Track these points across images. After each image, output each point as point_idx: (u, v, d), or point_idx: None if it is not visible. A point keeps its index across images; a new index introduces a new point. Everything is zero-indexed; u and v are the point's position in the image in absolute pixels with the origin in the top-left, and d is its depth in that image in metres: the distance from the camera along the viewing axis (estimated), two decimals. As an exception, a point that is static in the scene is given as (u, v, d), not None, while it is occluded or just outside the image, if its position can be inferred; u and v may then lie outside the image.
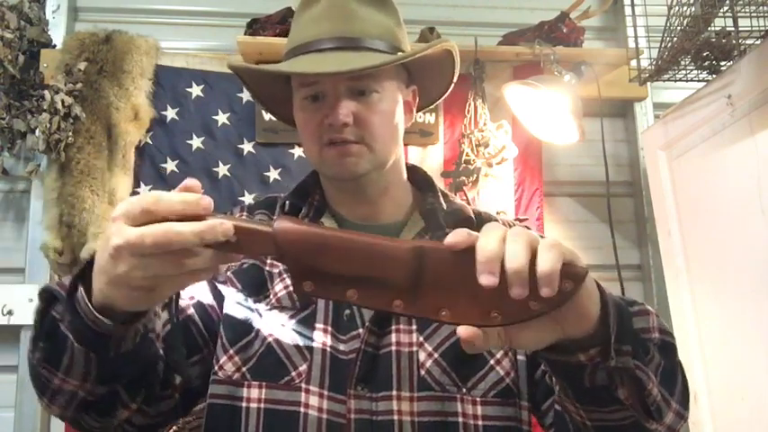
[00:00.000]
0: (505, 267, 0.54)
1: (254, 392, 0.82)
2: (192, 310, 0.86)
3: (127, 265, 0.57)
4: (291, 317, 0.85)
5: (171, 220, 0.56)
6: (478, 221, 0.92)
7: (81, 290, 0.64)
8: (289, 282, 0.86)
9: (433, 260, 0.58)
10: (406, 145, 1.84)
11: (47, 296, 0.72)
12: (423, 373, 0.81)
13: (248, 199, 1.80)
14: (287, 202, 0.94)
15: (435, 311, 0.58)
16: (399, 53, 0.90)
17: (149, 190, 1.78)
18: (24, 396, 1.69)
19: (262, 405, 0.81)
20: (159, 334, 0.77)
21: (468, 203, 1.23)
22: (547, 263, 0.53)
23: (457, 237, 0.56)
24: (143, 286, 0.59)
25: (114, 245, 0.57)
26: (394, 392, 0.80)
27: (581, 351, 0.62)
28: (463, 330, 0.56)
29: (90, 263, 0.65)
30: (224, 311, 0.87)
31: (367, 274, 0.59)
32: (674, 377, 0.73)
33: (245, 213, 0.95)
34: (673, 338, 0.77)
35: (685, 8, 1.53)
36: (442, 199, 0.94)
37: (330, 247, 0.59)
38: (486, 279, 0.54)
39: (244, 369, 0.83)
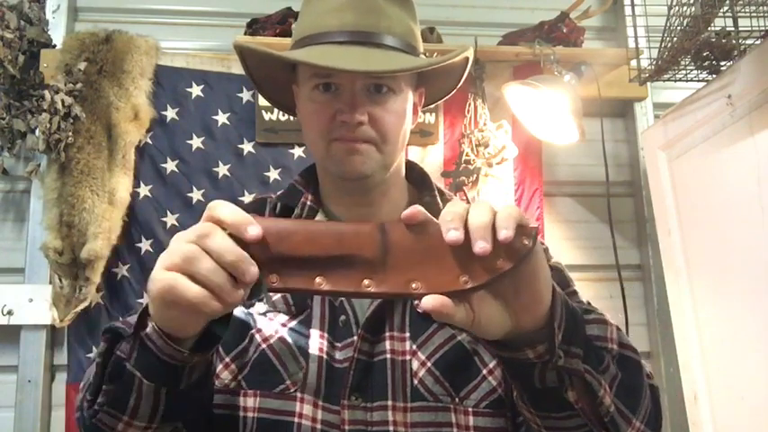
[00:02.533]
0: (469, 226, 0.57)
1: (250, 401, 0.80)
2: None
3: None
4: (286, 322, 0.83)
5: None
6: None
7: (152, 324, 0.63)
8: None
9: (396, 235, 0.60)
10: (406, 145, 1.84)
11: (110, 336, 0.70)
12: (416, 382, 0.79)
13: (248, 199, 1.80)
14: (278, 203, 0.92)
15: (406, 285, 0.59)
16: (422, 56, 0.88)
17: (149, 190, 1.78)
18: (24, 396, 1.69)
19: (256, 414, 0.79)
20: (216, 367, 0.78)
21: (469, 203, 1.22)
22: (503, 213, 0.58)
23: (412, 210, 0.60)
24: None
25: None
26: (389, 402, 0.78)
27: (529, 347, 0.63)
28: (429, 300, 0.57)
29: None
30: None
31: (334, 253, 0.59)
32: (635, 394, 0.72)
33: None
34: (637, 355, 0.75)
35: (685, 8, 1.53)
36: (438, 197, 0.92)
37: (295, 232, 0.59)
38: (452, 235, 0.57)
39: (240, 377, 0.81)
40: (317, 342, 0.81)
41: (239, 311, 0.84)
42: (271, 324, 0.83)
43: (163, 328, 0.62)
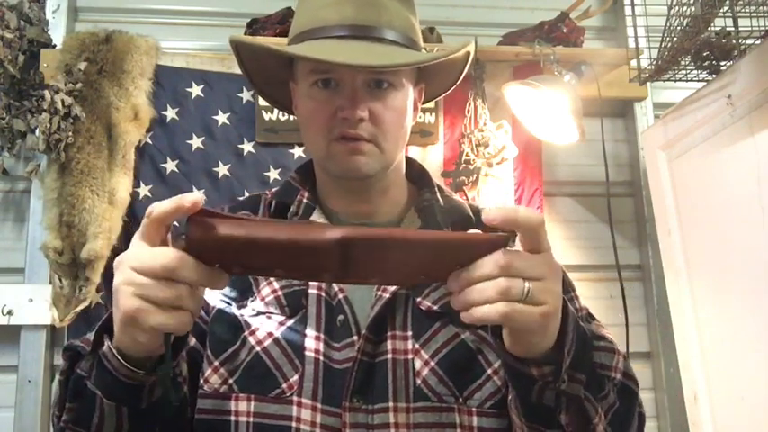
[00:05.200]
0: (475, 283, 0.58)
1: (243, 405, 0.77)
2: (192, 341, 0.82)
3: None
4: (281, 323, 0.80)
5: None
6: (477, 219, 0.89)
7: (108, 342, 0.62)
8: (277, 285, 0.82)
9: (357, 251, 0.57)
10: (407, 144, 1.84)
11: (70, 354, 0.70)
12: (419, 382, 0.77)
13: (248, 199, 1.80)
14: (273, 201, 0.90)
15: (364, 279, 0.63)
16: (423, 50, 0.87)
17: (149, 190, 1.78)
18: (24, 396, 1.69)
19: (251, 419, 0.77)
20: (185, 376, 0.76)
21: (470, 202, 1.20)
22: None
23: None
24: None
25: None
26: (390, 404, 0.76)
27: (535, 365, 0.63)
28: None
29: (110, 316, 0.64)
30: (209, 320, 0.83)
31: (293, 264, 0.60)
32: (627, 424, 0.74)
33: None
34: (636, 386, 0.77)
35: (685, 8, 1.53)
36: (438, 195, 0.90)
37: (253, 245, 0.57)
38: (454, 283, 0.59)
39: (230, 381, 0.78)
40: (313, 343, 0.78)
41: (229, 312, 0.82)
42: (264, 325, 0.80)
43: (125, 348, 0.62)
